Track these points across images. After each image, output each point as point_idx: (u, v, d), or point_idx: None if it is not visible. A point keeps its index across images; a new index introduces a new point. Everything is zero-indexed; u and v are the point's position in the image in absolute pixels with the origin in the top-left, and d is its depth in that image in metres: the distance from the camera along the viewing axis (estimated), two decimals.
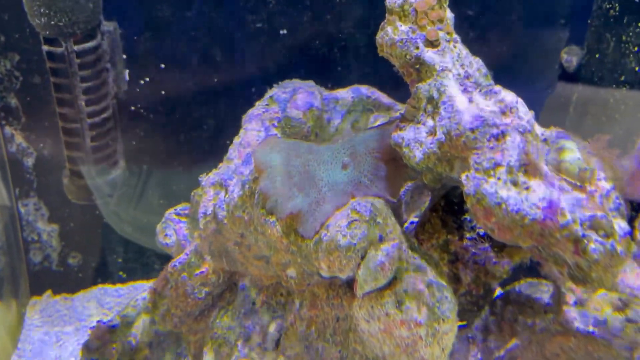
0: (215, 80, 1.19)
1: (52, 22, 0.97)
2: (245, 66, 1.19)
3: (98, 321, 0.87)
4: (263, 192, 0.73)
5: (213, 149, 1.18)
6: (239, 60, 1.19)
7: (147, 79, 1.19)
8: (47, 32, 0.98)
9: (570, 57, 1.10)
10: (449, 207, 0.74)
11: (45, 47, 1.00)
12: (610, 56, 1.04)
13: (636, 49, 1.00)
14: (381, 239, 0.63)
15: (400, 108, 0.97)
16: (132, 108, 1.20)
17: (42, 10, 0.95)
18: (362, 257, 0.62)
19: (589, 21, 1.06)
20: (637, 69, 1.00)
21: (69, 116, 1.05)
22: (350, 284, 0.68)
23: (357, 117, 1.00)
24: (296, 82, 1.01)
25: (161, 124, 1.21)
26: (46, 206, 1.23)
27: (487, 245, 0.70)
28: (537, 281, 0.73)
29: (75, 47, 1.00)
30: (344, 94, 1.00)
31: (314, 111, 0.95)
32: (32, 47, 1.13)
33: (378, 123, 0.89)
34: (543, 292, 0.70)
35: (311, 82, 1.02)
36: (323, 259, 0.63)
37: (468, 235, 0.72)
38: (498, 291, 0.74)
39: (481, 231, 0.71)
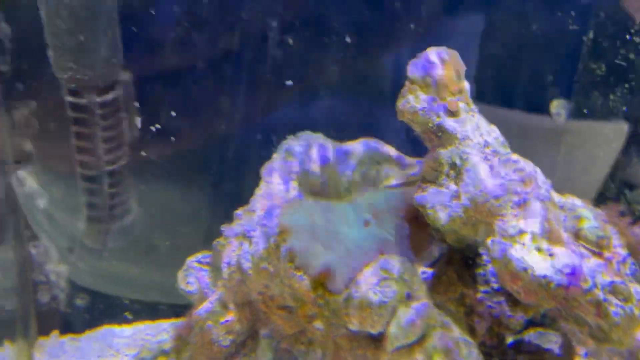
0: (226, 128, 1.23)
1: (78, 76, 1.00)
2: (255, 115, 1.24)
3: None
4: (291, 251, 0.77)
5: (225, 195, 1.21)
6: (249, 108, 1.24)
7: (158, 126, 1.22)
8: (72, 85, 1.01)
9: (559, 110, 1.17)
10: (463, 261, 0.78)
11: (68, 98, 1.03)
12: (598, 113, 1.11)
13: (625, 108, 1.07)
14: (409, 297, 0.67)
15: (408, 162, 1.02)
16: (143, 154, 1.23)
17: (69, 65, 0.98)
18: (393, 314, 0.66)
19: (575, 78, 1.13)
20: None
21: (89, 163, 1.08)
22: (374, 336, 0.71)
23: (367, 169, 1.04)
24: (309, 135, 1.06)
25: (172, 170, 1.24)
26: (57, 248, 1.25)
27: (501, 299, 0.75)
28: (546, 331, 0.77)
29: (98, 99, 1.03)
30: (354, 146, 1.04)
31: (329, 165, 0.99)
32: (49, 96, 1.15)
33: (393, 180, 0.93)
34: (552, 342, 0.75)
35: (321, 135, 1.07)
36: (354, 315, 0.67)
37: (482, 288, 0.76)
38: (509, 340, 0.78)
39: (495, 286, 0.75)
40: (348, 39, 1.12)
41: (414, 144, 0.84)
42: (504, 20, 1.18)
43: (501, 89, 1.18)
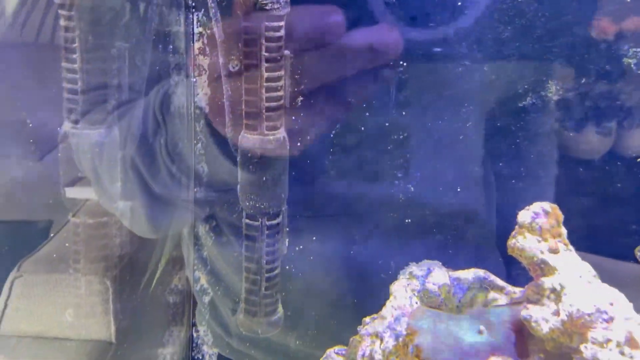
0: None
1: (257, 205, 1.28)
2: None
3: None
4: (418, 347, 0.95)
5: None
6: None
7: (301, 247, 1.47)
8: (251, 211, 1.29)
9: None
10: None
11: (246, 220, 1.31)
12: None
13: None
14: None
15: (511, 289, 1.19)
16: (287, 268, 1.47)
17: (251, 197, 1.27)
18: None
19: None
20: None
21: (252, 269, 1.33)
22: None
23: (476, 293, 1.21)
24: (428, 262, 1.26)
25: (314, 290, 1.46)
26: (212, 334, 1.49)
27: None
28: None
29: (267, 223, 1.30)
30: (466, 274, 1.23)
31: (445, 287, 1.18)
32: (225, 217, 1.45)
33: (501, 302, 1.10)
34: None
35: (439, 263, 1.27)
36: None
37: None
38: None
39: None
40: None
41: None
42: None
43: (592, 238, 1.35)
